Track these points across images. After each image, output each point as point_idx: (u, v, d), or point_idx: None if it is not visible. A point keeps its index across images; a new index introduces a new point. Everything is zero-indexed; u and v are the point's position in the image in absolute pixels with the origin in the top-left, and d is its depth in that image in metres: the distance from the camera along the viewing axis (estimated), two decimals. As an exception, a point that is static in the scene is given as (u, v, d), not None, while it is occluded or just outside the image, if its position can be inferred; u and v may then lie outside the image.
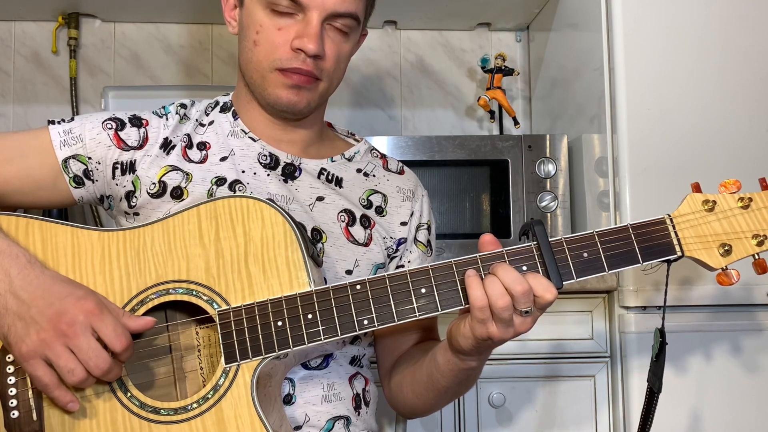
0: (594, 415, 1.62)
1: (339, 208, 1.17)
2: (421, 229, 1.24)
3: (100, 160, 1.14)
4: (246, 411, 0.94)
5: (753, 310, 1.57)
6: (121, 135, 1.15)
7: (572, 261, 0.96)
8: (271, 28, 1.10)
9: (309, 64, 1.09)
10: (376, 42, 2.23)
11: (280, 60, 1.10)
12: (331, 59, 1.11)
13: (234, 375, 0.96)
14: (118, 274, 0.99)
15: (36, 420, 0.94)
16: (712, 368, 1.56)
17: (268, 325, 0.96)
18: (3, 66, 2.13)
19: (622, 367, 1.59)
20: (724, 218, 0.98)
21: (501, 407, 1.61)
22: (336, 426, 1.11)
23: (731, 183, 0.99)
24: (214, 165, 1.15)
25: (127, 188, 1.14)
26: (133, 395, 0.96)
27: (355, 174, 1.22)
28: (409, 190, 1.25)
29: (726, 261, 0.97)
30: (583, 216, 1.78)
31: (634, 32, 1.62)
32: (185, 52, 2.18)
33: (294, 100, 1.12)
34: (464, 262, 0.97)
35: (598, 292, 1.63)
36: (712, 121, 1.61)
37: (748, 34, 1.63)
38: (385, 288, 0.96)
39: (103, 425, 0.95)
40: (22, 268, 0.94)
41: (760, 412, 1.56)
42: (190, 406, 0.95)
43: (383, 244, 1.19)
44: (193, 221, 1.00)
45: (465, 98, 2.24)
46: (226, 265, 0.98)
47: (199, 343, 1.02)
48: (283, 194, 1.14)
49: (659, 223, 0.98)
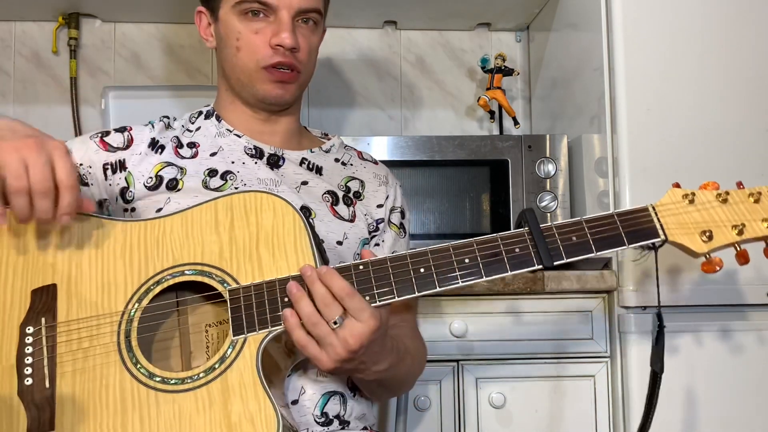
0: (594, 415, 1.62)
1: (323, 190, 1.27)
2: (395, 212, 1.33)
3: (91, 164, 1.22)
4: (251, 381, 0.98)
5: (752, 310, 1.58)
6: (106, 139, 1.25)
7: (562, 243, 1.03)
8: (248, 33, 1.22)
9: (289, 57, 1.22)
10: (376, 42, 2.23)
11: (263, 59, 1.22)
12: (305, 51, 1.24)
13: (241, 347, 1.00)
14: (137, 258, 1.06)
15: (48, 387, 0.98)
16: (714, 368, 1.56)
17: (275, 301, 1.01)
18: (3, 66, 2.13)
19: (622, 367, 1.59)
20: (703, 209, 1.04)
21: (501, 407, 1.61)
22: (331, 401, 1.14)
23: (710, 185, 1.06)
24: (205, 159, 1.25)
25: (120, 185, 1.22)
26: (142, 365, 1.00)
27: (333, 163, 1.33)
28: (384, 176, 1.35)
29: (708, 247, 1.02)
30: (583, 216, 1.77)
31: (634, 32, 1.62)
32: (185, 52, 2.18)
33: (280, 93, 1.24)
34: (462, 245, 1.03)
35: (598, 292, 1.63)
36: (712, 121, 1.61)
37: (748, 34, 1.63)
38: (386, 268, 1.02)
39: (111, 393, 0.99)
40: (9, 120, 1.03)
41: (758, 411, 1.56)
42: (197, 375, 0.99)
43: (365, 220, 1.28)
44: (210, 212, 1.08)
45: (465, 98, 2.24)
46: (238, 250, 1.05)
47: (209, 340, 1.07)
48: (271, 178, 1.24)
49: (643, 210, 1.05)
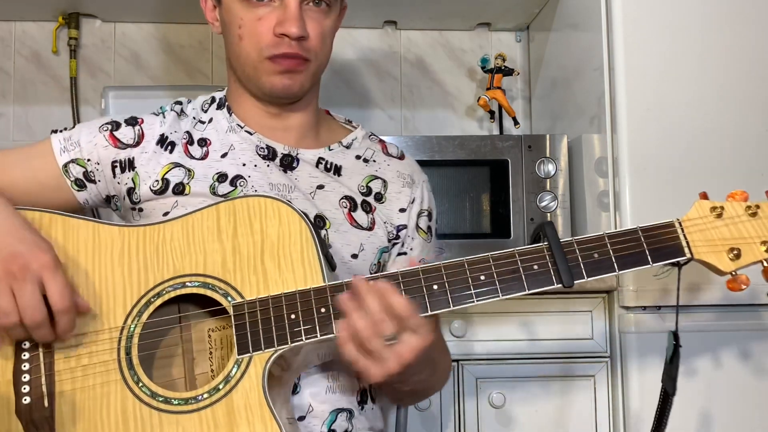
0: (594, 415, 1.62)
1: (340, 195, 1.18)
2: (422, 215, 1.25)
3: (99, 161, 1.17)
4: (257, 403, 0.94)
5: (759, 310, 1.57)
6: (117, 135, 1.18)
7: (583, 261, 0.97)
8: (251, 20, 1.12)
9: (295, 47, 1.11)
10: (376, 42, 2.23)
11: (267, 48, 1.12)
12: (315, 38, 1.13)
13: (246, 366, 0.96)
14: (136, 267, 1.01)
15: (47, 407, 0.95)
16: (720, 369, 1.56)
17: (281, 318, 0.97)
18: (3, 66, 2.13)
19: (622, 367, 1.59)
20: (732, 224, 0.99)
21: (501, 407, 1.60)
22: (339, 418, 1.11)
23: (738, 193, 1.01)
24: (215, 161, 1.17)
25: (128, 185, 1.16)
26: (144, 384, 0.96)
27: (354, 161, 1.23)
28: (409, 175, 1.25)
29: (735, 265, 0.98)
30: (583, 216, 1.77)
31: (634, 32, 1.62)
32: (185, 52, 2.17)
33: (288, 83, 1.14)
34: (477, 260, 0.97)
35: (598, 292, 1.63)
36: (713, 120, 1.61)
37: (748, 34, 1.63)
38: (397, 284, 0.96)
39: (113, 413, 0.95)
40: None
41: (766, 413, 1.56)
42: (201, 396, 0.95)
43: (385, 228, 1.20)
44: (212, 218, 1.02)
45: (465, 98, 2.24)
46: (242, 261, 1.00)
47: (212, 346, 1.03)
48: (284, 183, 1.16)
49: (668, 226, 0.99)
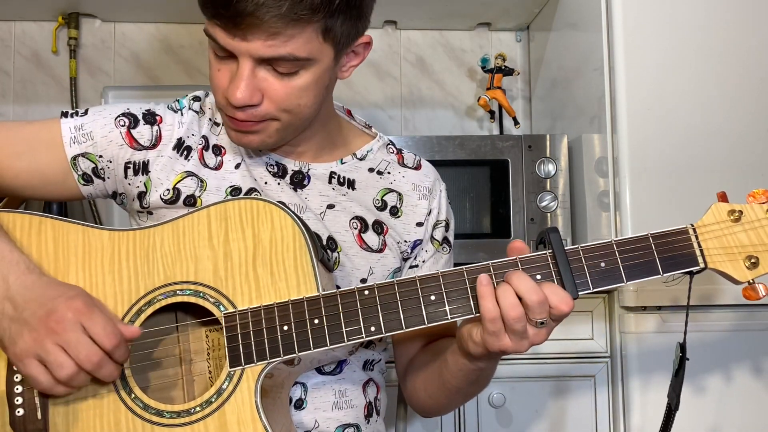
0: (594, 415, 1.62)
1: (350, 216, 1.13)
2: (439, 226, 1.20)
3: (111, 159, 1.11)
4: (249, 417, 0.92)
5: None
6: (134, 134, 1.11)
7: (589, 270, 0.93)
8: (214, 68, 1.02)
9: (240, 114, 1.00)
10: (376, 42, 2.23)
11: (220, 104, 1.04)
12: (273, 102, 1.00)
13: (238, 379, 0.94)
14: (127, 274, 0.99)
15: (40, 419, 0.94)
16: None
17: (273, 329, 0.94)
18: (3, 66, 2.13)
19: (622, 367, 1.59)
20: (751, 229, 0.92)
21: (501, 407, 1.60)
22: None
23: (760, 193, 0.94)
24: (228, 173, 1.11)
25: (139, 189, 1.11)
26: (136, 396, 0.95)
27: (367, 174, 1.17)
28: (426, 187, 1.19)
29: (752, 274, 0.92)
30: (583, 216, 1.77)
31: (634, 32, 1.62)
32: (185, 52, 2.17)
33: (245, 141, 1.05)
34: (476, 270, 0.94)
35: (598, 292, 1.63)
36: (713, 120, 1.61)
37: (748, 34, 1.63)
38: (393, 294, 0.94)
39: (106, 425, 0.94)
40: (20, 275, 0.95)
41: None
42: (193, 409, 0.94)
43: (398, 248, 1.16)
44: (202, 222, 0.99)
45: (465, 98, 2.24)
46: (234, 268, 0.97)
47: (209, 346, 1.01)
48: (295, 203, 1.11)
49: (681, 233, 0.93)
